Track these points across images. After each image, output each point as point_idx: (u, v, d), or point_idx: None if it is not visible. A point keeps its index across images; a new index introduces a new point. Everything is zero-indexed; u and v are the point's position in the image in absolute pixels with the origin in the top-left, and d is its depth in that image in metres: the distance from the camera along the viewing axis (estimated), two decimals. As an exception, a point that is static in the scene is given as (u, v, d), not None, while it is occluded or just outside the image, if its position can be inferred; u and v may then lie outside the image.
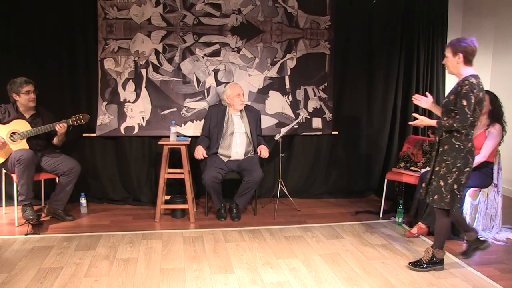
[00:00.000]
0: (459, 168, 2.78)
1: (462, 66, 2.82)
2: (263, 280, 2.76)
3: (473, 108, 2.69)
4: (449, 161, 2.80)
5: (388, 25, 4.61)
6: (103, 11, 4.16)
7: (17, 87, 3.64)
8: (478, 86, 2.72)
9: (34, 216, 3.65)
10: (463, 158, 2.78)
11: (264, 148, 4.10)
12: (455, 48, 2.84)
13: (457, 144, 2.79)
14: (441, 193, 2.83)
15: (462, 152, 2.77)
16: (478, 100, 2.71)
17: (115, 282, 2.71)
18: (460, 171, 2.79)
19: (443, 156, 2.84)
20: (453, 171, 2.79)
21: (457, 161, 2.78)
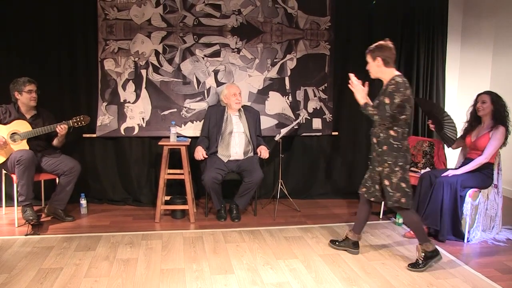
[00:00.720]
0: (402, 167, 2.88)
1: (384, 68, 2.92)
2: (263, 281, 2.76)
3: (398, 106, 2.79)
4: (390, 161, 2.89)
5: (388, 25, 4.61)
6: (103, 11, 4.16)
7: (19, 85, 3.65)
8: (404, 85, 2.81)
9: (34, 217, 3.65)
10: (403, 157, 2.88)
11: (264, 148, 4.10)
12: (373, 53, 2.95)
13: (395, 144, 2.88)
14: (388, 192, 2.92)
15: (401, 150, 2.88)
16: (406, 97, 2.81)
17: (115, 282, 2.71)
18: (404, 169, 2.89)
19: (384, 156, 2.92)
20: (396, 170, 2.88)
21: (398, 160, 2.88)
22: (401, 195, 2.90)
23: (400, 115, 2.84)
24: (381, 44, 2.93)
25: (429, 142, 4.12)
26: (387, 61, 2.90)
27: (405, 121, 2.88)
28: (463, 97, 4.88)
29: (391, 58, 2.91)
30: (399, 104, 2.80)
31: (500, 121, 3.45)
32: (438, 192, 3.43)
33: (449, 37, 4.76)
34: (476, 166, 3.47)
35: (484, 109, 3.50)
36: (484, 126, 3.55)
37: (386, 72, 2.93)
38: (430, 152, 4.07)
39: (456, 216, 3.43)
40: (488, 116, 3.52)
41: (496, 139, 3.42)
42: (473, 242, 3.47)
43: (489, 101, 3.49)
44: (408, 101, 2.83)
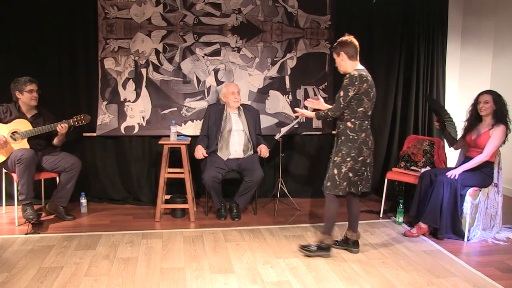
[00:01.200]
0: (353, 158, 2.97)
1: (348, 62, 3.00)
2: (263, 280, 2.76)
3: (354, 98, 2.91)
4: (344, 151, 2.99)
5: (388, 25, 4.61)
6: (103, 10, 4.16)
7: (20, 85, 3.65)
8: (360, 78, 2.89)
9: (34, 216, 3.65)
10: (357, 148, 2.96)
11: (264, 147, 4.10)
12: (336, 49, 3.05)
13: (351, 135, 2.98)
14: (335, 181, 3.00)
15: (356, 142, 2.96)
16: (363, 91, 2.91)
17: (115, 281, 2.71)
18: (355, 160, 2.97)
19: (341, 146, 3.02)
20: (347, 160, 2.98)
21: (351, 151, 2.97)
22: (347, 184, 3.01)
23: (358, 108, 2.94)
24: (343, 40, 3.04)
25: (429, 141, 4.13)
26: (350, 54, 2.99)
27: (363, 114, 2.97)
28: (463, 97, 4.88)
29: (354, 52, 2.99)
30: (355, 96, 2.91)
31: (501, 119, 3.45)
32: (438, 191, 3.43)
33: (449, 37, 4.76)
34: (476, 164, 3.48)
35: (487, 109, 3.50)
36: (484, 125, 3.55)
37: (351, 66, 3.01)
38: (430, 151, 4.07)
39: (456, 215, 3.44)
40: (490, 116, 3.53)
41: (497, 137, 3.42)
42: (473, 241, 3.47)
43: (491, 100, 3.49)
44: (365, 94, 2.92)
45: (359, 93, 2.91)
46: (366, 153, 3.00)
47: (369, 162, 3.06)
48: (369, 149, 3.02)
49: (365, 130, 3.00)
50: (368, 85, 2.93)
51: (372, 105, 3.01)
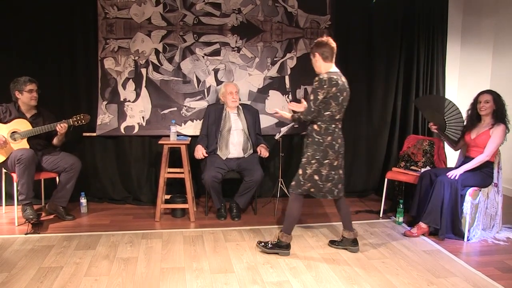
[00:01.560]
0: (318, 160, 2.99)
1: (322, 64, 3.00)
2: (263, 280, 2.76)
3: (322, 102, 2.92)
4: (310, 153, 3.02)
5: (388, 25, 4.61)
6: (103, 10, 4.16)
7: (20, 85, 3.65)
8: (329, 82, 2.89)
9: (34, 216, 3.65)
10: (322, 151, 2.99)
11: (264, 147, 4.10)
12: (312, 50, 3.06)
13: (316, 137, 3.01)
14: (299, 181, 3.04)
15: (321, 145, 2.99)
16: (332, 94, 2.91)
17: (115, 281, 2.71)
18: (320, 163, 3.00)
19: (307, 148, 3.05)
20: (312, 162, 3.00)
21: (316, 154, 3.00)
22: (311, 185, 3.04)
23: (325, 111, 2.95)
24: (319, 41, 3.03)
25: (429, 141, 4.13)
26: (325, 56, 2.99)
27: (330, 117, 2.98)
28: (463, 97, 4.88)
29: (328, 54, 2.99)
30: (323, 100, 2.92)
31: (501, 119, 3.45)
32: (438, 191, 3.43)
33: (449, 37, 4.75)
34: (477, 164, 3.48)
35: (487, 109, 3.51)
36: (484, 124, 3.56)
37: (324, 68, 3.01)
38: (430, 151, 4.07)
39: (456, 215, 3.43)
40: (489, 115, 3.53)
41: (497, 137, 3.42)
42: (473, 241, 3.47)
43: (491, 100, 3.49)
44: (333, 98, 2.92)
45: (327, 96, 2.91)
46: (332, 156, 3.00)
47: (337, 165, 3.07)
48: (335, 152, 3.02)
49: (331, 133, 3.00)
50: (338, 89, 2.91)
51: (341, 109, 3.00)
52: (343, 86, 2.97)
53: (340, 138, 3.06)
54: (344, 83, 2.99)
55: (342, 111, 3.03)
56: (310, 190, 3.07)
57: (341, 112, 3.02)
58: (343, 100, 2.97)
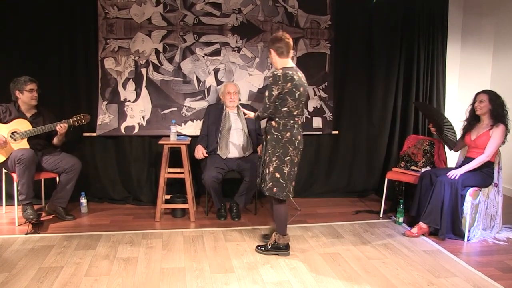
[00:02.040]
0: (279, 157, 2.97)
1: (278, 60, 2.99)
2: (264, 280, 2.76)
3: (278, 98, 2.91)
4: (270, 150, 3.00)
5: (388, 25, 4.60)
6: (103, 10, 4.16)
7: (21, 84, 3.65)
8: (284, 78, 2.87)
9: (34, 216, 3.65)
10: (282, 148, 2.96)
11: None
12: (268, 47, 3.05)
13: (275, 134, 2.99)
14: (267, 181, 3.02)
15: (280, 141, 2.96)
16: (287, 90, 2.89)
17: (115, 281, 2.71)
18: (281, 160, 2.97)
19: (267, 145, 3.04)
20: (273, 160, 2.99)
21: (276, 151, 2.98)
22: (273, 185, 2.99)
23: (281, 107, 2.93)
24: (274, 36, 3.01)
25: (429, 141, 4.13)
26: (280, 51, 2.97)
27: (287, 113, 2.95)
28: (463, 97, 4.88)
29: (284, 49, 2.96)
30: (279, 96, 2.91)
31: (499, 119, 3.45)
32: (439, 191, 3.43)
33: (449, 37, 4.75)
34: (478, 164, 3.48)
35: (481, 108, 3.51)
36: (483, 125, 3.56)
37: (280, 63, 3.00)
38: (430, 151, 4.07)
39: (457, 215, 3.43)
40: (487, 115, 3.54)
41: (497, 137, 3.42)
42: (474, 241, 3.47)
43: (486, 100, 3.50)
44: (289, 94, 2.90)
45: (283, 92, 2.90)
46: (292, 152, 2.99)
47: (296, 162, 3.05)
48: (295, 149, 3.00)
49: (290, 129, 2.97)
50: (293, 85, 2.89)
51: (299, 104, 2.97)
52: (300, 81, 2.95)
53: (300, 134, 3.03)
54: (300, 78, 2.97)
55: (300, 107, 3.00)
56: (273, 191, 2.99)
57: (299, 108, 2.99)
58: (299, 95, 2.94)
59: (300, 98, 2.95)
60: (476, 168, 3.50)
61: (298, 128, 3.02)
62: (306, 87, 3.03)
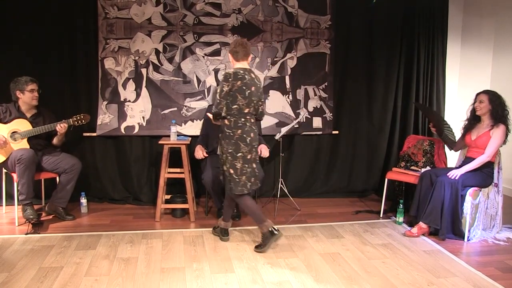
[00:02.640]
0: (232, 154, 3.09)
1: (235, 63, 3.15)
2: (264, 280, 2.76)
3: (229, 95, 3.03)
4: (225, 147, 3.12)
5: (388, 25, 4.61)
6: (103, 10, 4.16)
7: (21, 84, 3.65)
8: (234, 76, 3.02)
9: (34, 216, 3.65)
10: (234, 144, 3.08)
11: (264, 147, 4.09)
12: (228, 52, 3.21)
13: (227, 131, 3.11)
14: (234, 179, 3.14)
15: (232, 138, 3.08)
16: (237, 88, 3.02)
17: (115, 281, 2.71)
18: (233, 157, 3.09)
19: (222, 143, 3.16)
20: (227, 157, 3.12)
21: (229, 148, 3.10)
22: (229, 181, 3.14)
23: (232, 105, 3.05)
24: (234, 41, 3.16)
25: (430, 141, 4.13)
26: (235, 55, 3.12)
27: (238, 111, 3.07)
28: (463, 96, 4.88)
29: (239, 54, 3.10)
30: (230, 94, 3.02)
31: (499, 120, 3.45)
32: (439, 191, 3.43)
33: (449, 36, 4.75)
34: (478, 165, 3.48)
35: (481, 109, 3.51)
36: (483, 125, 3.56)
37: (236, 66, 3.13)
38: (430, 151, 4.07)
39: (457, 215, 3.43)
40: (487, 115, 3.53)
41: (497, 137, 3.42)
42: (474, 241, 3.47)
43: (486, 100, 3.49)
44: (239, 92, 3.02)
45: (233, 90, 3.02)
46: (244, 149, 3.10)
47: (250, 158, 3.14)
48: (248, 145, 3.11)
49: (241, 127, 3.09)
50: (243, 83, 3.02)
51: (250, 103, 3.08)
52: (251, 81, 3.07)
53: (252, 132, 3.14)
54: (253, 79, 3.09)
55: (251, 106, 3.11)
56: (230, 186, 3.15)
57: (249, 107, 3.10)
58: (250, 94, 3.06)
59: (251, 97, 3.08)
60: (476, 168, 3.50)
61: (251, 126, 3.14)
62: (259, 88, 3.15)
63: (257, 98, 3.12)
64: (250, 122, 3.13)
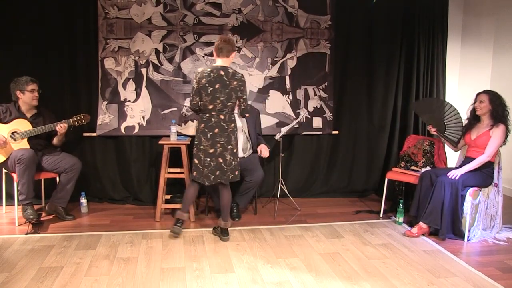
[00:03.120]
0: (197, 146, 3.32)
1: (216, 59, 3.29)
2: (264, 280, 2.76)
3: (197, 91, 3.26)
4: (195, 138, 3.31)
5: (388, 25, 4.61)
6: (103, 10, 4.16)
7: (22, 85, 3.65)
8: (201, 74, 3.23)
9: (34, 216, 3.65)
10: (198, 138, 3.30)
11: (264, 147, 4.10)
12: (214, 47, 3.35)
13: (197, 125, 3.33)
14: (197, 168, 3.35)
15: (197, 132, 3.30)
16: (201, 85, 3.22)
17: (115, 281, 2.71)
18: (198, 149, 3.32)
19: None
20: (194, 148, 3.35)
21: (195, 140, 3.33)
22: (193, 169, 3.37)
23: (200, 101, 3.27)
24: (219, 37, 3.28)
25: (430, 141, 4.13)
26: (218, 52, 3.26)
27: (203, 107, 3.27)
28: (463, 96, 4.88)
29: (217, 51, 3.25)
30: (197, 89, 3.25)
31: (499, 120, 3.45)
32: (439, 191, 3.43)
33: (449, 36, 4.75)
34: (478, 165, 3.48)
35: (481, 109, 3.52)
36: (483, 125, 3.56)
37: (216, 62, 3.30)
38: (430, 151, 4.07)
39: (457, 215, 3.43)
40: (487, 115, 3.54)
41: (497, 137, 3.42)
42: (474, 241, 3.47)
43: (487, 100, 3.49)
44: (203, 89, 3.22)
45: (199, 87, 3.23)
46: (205, 143, 3.26)
47: (213, 153, 3.28)
48: (208, 140, 3.26)
49: (205, 122, 3.26)
50: (207, 81, 3.19)
51: (214, 100, 3.21)
52: (217, 79, 3.19)
53: (217, 128, 3.25)
54: (221, 76, 3.20)
55: (215, 103, 3.23)
56: (193, 174, 3.35)
57: (213, 103, 3.22)
58: (213, 91, 3.19)
59: (215, 94, 3.20)
60: (476, 168, 3.50)
61: (216, 122, 3.26)
62: (225, 85, 3.22)
63: (224, 95, 3.21)
64: (217, 118, 3.25)
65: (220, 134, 3.26)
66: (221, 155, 3.29)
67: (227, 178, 3.35)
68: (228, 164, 3.33)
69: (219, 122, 3.25)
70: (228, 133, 3.29)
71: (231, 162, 3.34)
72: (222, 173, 3.32)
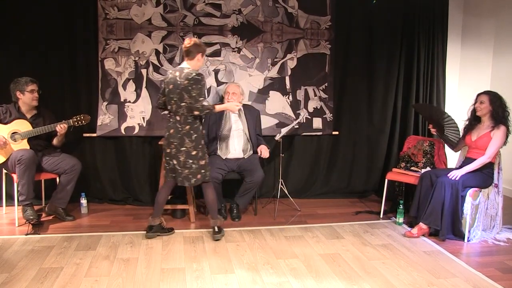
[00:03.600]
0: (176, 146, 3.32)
1: (185, 59, 3.36)
2: (264, 280, 2.76)
3: (161, 91, 3.42)
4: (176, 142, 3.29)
5: (388, 25, 4.61)
6: (103, 11, 4.16)
7: (22, 85, 3.65)
8: (167, 75, 3.37)
9: (34, 216, 3.65)
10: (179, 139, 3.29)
11: (264, 148, 4.10)
12: None
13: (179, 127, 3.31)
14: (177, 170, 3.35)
15: (179, 133, 3.27)
16: (164, 86, 3.37)
17: (115, 282, 2.71)
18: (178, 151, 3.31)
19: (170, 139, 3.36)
20: None
21: None
22: None
23: None
24: (189, 39, 3.34)
25: (430, 141, 4.13)
26: (186, 53, 3.32)
27: (166, 107, 3.39)
28: (463, 96, 4.88)
29: (190, 53, 3.30)
30: (162, 89, 3.41)
31: (500, 121, 3.45)
32: (439, 192, 3.43)
33: (450, 36, 4.75)
34: (479, 166, 3.48)
35: (482, 109, 3.51)
36: (484, 126, 3.55)
37: None
38: (430, 151, 4.07)
39: (457, 216, 3.43)
40: (487, 116, 3.53)
41: (498, 138, 3.42)
42: (474, 242, 3.47)
43: (487, 101, 3.49)
44: (163, 90, 3.37)
45: (163, 87, 3.38)
46: (164, 142, 3.34)
47: (170, 153, 3.30)
48: (166, 139, 3.31)
49: (167, 121, 3.39)
50: (166, 82, 3.33)
51: (169, 100, 3.27)
52: (172, 79, 3.26)
53: (173, 128, 3.28)
54: (175, 77, 3.24)
55: (171, 103, 3.28)
56: (171, 175, 3.37)
57: (170, 104, 3.29)
58: (168, 92, 3.28)
59: (170, 95, 3.26)
60: (476, 169, 3.50)
61: (173, 123, 3.29)
62: (179, 85, 3.21)
63: (176, 96, 3.22)
64: (174, 119, 3.29)
65: (174, 135, 3.27)
66: (175, 157, 3.29)
67: (185, 180, 3.30)
68: (182, 166, 3.28)
69: (175, 123, 3.28)
70: (181, 135, 3.24)
71: (186, 164, 3.28)
72: (177, 174, 3.32)
